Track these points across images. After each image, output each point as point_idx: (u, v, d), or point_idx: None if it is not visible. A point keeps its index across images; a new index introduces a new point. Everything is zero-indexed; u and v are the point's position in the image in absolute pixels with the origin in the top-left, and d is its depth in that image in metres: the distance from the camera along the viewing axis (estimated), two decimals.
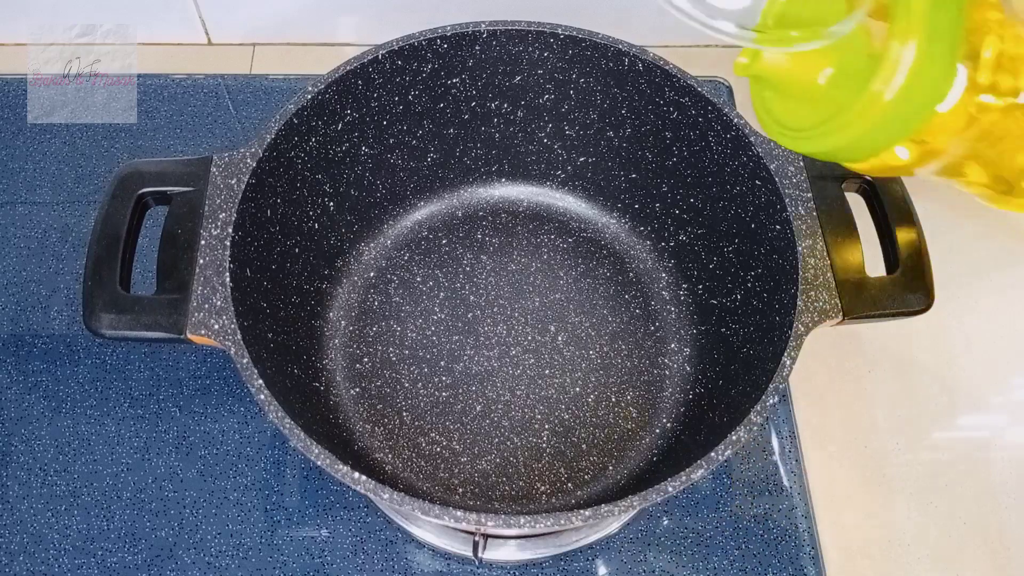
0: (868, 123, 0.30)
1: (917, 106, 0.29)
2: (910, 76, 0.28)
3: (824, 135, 0.31)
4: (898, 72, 0.28)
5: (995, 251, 0.59)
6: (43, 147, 0.63)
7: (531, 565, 0.48)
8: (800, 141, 0.33)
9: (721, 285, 0.50)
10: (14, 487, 0.50)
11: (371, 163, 0.52)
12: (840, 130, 0.31)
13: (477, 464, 0.49)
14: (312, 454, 0.36)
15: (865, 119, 0.30)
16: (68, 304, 0.56)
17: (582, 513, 0.35)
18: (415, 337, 0.53)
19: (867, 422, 0.53)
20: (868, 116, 0.29)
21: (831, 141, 0.31)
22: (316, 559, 0.48)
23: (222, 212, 0.41)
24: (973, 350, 0.55)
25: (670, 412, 0.50)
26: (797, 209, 0.42)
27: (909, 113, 0.29)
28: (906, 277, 0.41)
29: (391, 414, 0.50)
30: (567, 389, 0.51)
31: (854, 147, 0.31)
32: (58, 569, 0.48)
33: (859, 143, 0.31)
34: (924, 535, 0.50)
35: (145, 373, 0.53)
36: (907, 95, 0.29)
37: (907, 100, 0.29)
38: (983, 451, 0.52)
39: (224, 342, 0.38)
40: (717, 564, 0.48)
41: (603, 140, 0.53)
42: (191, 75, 0.66)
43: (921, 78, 0.28)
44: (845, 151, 0.32)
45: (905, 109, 0.29)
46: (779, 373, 0.38)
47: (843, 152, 0.32)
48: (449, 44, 0.47)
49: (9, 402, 0.52)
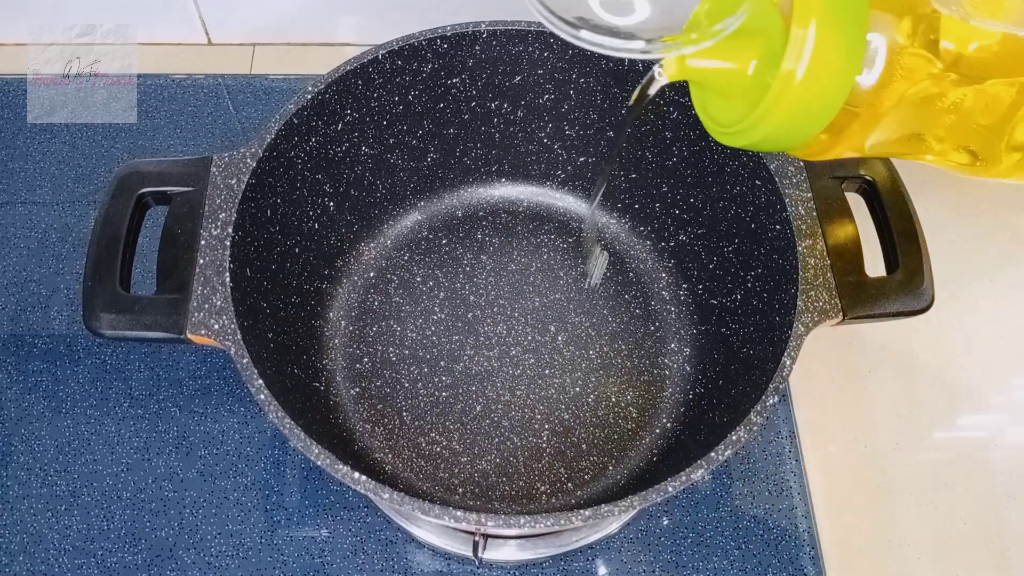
0: (787, 106, 0.30)
1: (831, 83, 0.30)
2: (815, 53, 0.29)
3: (753, 125, 0.32)
4: (804, 52, 0.29)
5: (995, 251, 0.59)
6: (43, 147, 0.63)
7: (531, 565, 0.48)
8: (735, 136, 0.34)
9: (721, 285, 0.50)
10: (14, 487, 0.50)
11: (371, 163, 0.52)
12: (764, 118, 0.31)
13: (477, 464, 0.49)
14: (312, 454, 0.36)
15: (783, 102, 0.30)
16: (68, 304, 0.56)
17: (582, 513, 0.35)
18: (415, 337, 0.53)
19: (867, 422, 0.53)
20: (785, 99, 0.30)
21: (760, 130, 0.32)
22: (316, 559, 0.48)
23: (222, 212, 0.41)
24: (973, 350, 0.55)
25: (670, 412, 0.50)
26: (797, 209, 0.42)
27: (825, 91, 0.30)
28: (906, 277, 0.41)
29: (391, 414, 0.50)
30: (567, 389, 0.51)
31: (784, 133, 0.32)
32: (58, 569, 0.48)
33: (787, 127, 0.31)
34: (924, 535, 0.50)
35: (145, 373, 0.53)
36: (817, 73, 0.29)
37: (818, 78, 0.29)
38: (983, 451, 0.52)
39: (224, 342, 0.38)
40: (717, 564, 0.48)
41: (603, 140, 0.53)
42: (191, 75, 0.66)
43: (827, 55, 0.29)
44: (778, 138, 0.32)
45: (819, 87, 0.30)
46: (779, 373, 0.38)
47: (776, 139, 0.33)
48: (449, 44, 0.47)
49: (9, 402, 0.52)
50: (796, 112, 0.30)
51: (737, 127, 0.33)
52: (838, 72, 0.30)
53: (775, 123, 0.31)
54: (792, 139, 0.32)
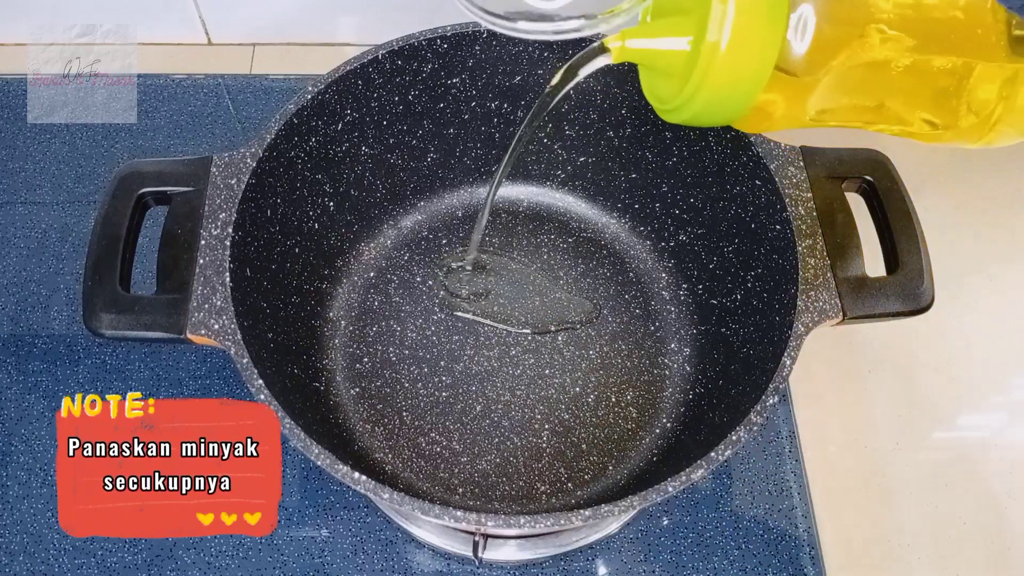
0: (716, 77, 0.31)
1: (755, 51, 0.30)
2: (736, 24, 0.30)
3: (688, 99, 0.32)
4: (725, 23, 0.30)
5: (995, 251, 0.59)
6: (43, 147, 0.63)
7: (531, 565, 0.48)
8: (675, 112, 0.34)
9: (721, 285, 0.50)
10: (14, 487, 0.50)
11: (371, 163, 0.52)
12: (697, 90, 0.32)
13: (477, 464, 0.49)
14: (312, 454, 0.36)
15: (711, 74, 0.31)
16: (68, 304, 0.56)
17: (582, 513, 0.35)
18: (415, 337, 0.53)
19: (867, 422, 0.53)
20: (713, 70, 0.31)
21: (696, 102, 0.32)
22: (316, 559, 0.48)
23: (222, 212, 0.41)
24: (973, 350, 0.55)
25: (670, 412, 0.50)
26: (797, 209, 0.42)
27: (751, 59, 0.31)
28: (906, 277, 0.41)
29: (391, 414, 0.50)
30: (567, 389, 0.51)
31: (719, 103, 0.32)
32: (58, 569, 0.48)
33: (720, 98, 0.32)
34: (924, 535, 0.50)
35: (145, 373, 0.53)
36: (739, 42, 0.30)
37: (742, 47, 0.30)
38: (983, 451, 0.52)
39: (224, 342, 0.38)
40: (717, 564, 0.48)
41: (603, 140, 0.53)
42: (191, 75, 0.66)
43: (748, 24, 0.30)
44: (715, 110, 0.33)
45: (744, 56, 0.30)
46: (779, 373, 0.38)
47: (714, 111, 0.33)
48: (449, 44, 0.47)
49: (9, 402, 0.52)
50: (725, 82, 0.31)
51: (674, 102, 0.33)
52: (761, 40, 0.30)
53: (708, 94, 0.32)
54: (728, 110, 0.33)
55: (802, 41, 0.31)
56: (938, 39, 0.32)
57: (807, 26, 0.31)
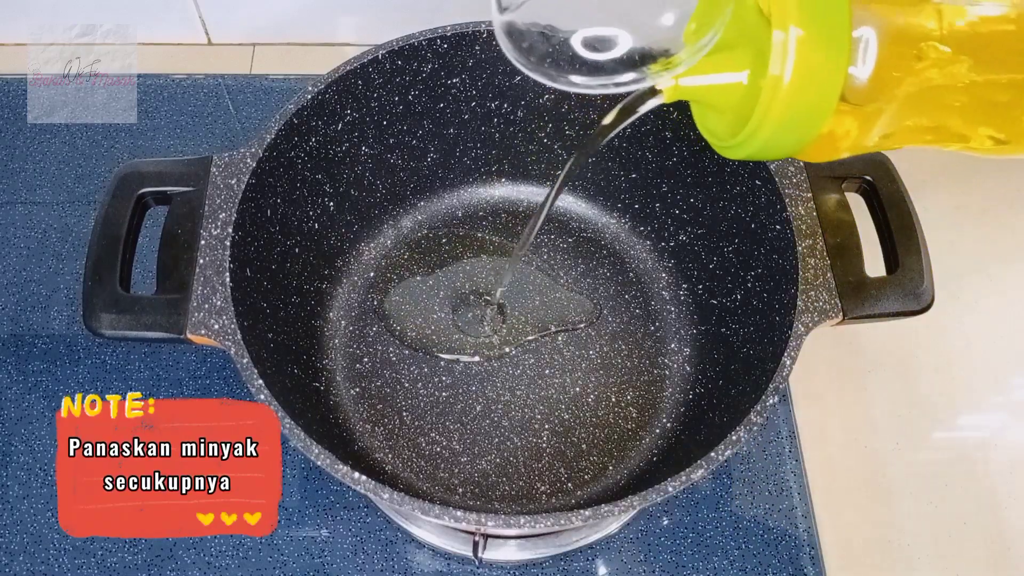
0: (780, 111, 0.30)
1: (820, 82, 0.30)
2: (798, 55, 0.29)
3: (750, 135, 0.32)
4: (787, 55, 0.29)
5: (995, 251, 0.59)
6: (43, 147, 0.63)
7: (531, 565, 0.48)
8: (736, 148, 0.33)
9: (721, 285, 0.50)
10: (14, 487, 0.50)
11: (371, 163, 0.52)
12: (760, 125, 0.31)
13: (477, 464, 0.49)
14: (312, 454, 0.36)
15: (775, 108, 0.30)
16: (68, 304, 0.56)
17: (582, 513, 0.35)
18: (415, 337, 0.53)
19: (867, 422, 0.53)
20: (776, 104, 0.30)
21: (759, 138, 0.31)
22: (316, 559, 0.48)
23: (222, 212, 0.41)
24: (973, 350, 0.55)
25: (670, 412, 0.50)
26: (797, 209, 0.42)
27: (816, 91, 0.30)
28: (906, 277, 0.41)
29: (391, 414, 0.50)
30: (567, 389, 0.51)
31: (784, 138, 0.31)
32: (58, 569, 0.48)
33: (784, 132, 0.31)
34: (924, 535, 0.50)
35: (145, 373, 0.53)
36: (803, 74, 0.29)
37: (806, 79, 0.29)
38: (983, 451, 0.52)
39: (224, 342, 0.38)
40: (717, 564, 0.48)
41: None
42: (191, 75, 0.66)
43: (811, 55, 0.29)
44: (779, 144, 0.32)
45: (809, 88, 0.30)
46: (779, 373, 0.38)
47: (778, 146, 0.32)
48: (449, 44, 0.47)
49: (9, 402, 0.52)
50: (791, 116, 0.30)
51: (736, 139, 0.33)
52: (826, 70, 0.29)
53: (772, 129, 0.31)
54: (793, 143, 0.32)
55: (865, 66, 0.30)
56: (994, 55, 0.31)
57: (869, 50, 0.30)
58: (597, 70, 0.31)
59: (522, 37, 0.31)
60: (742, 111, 0.32)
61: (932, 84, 0.31)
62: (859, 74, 0.30)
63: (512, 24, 0.31)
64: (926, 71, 0.31)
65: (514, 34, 0.31)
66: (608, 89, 0.31)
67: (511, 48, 0.32)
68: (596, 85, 0.31)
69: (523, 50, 0.32)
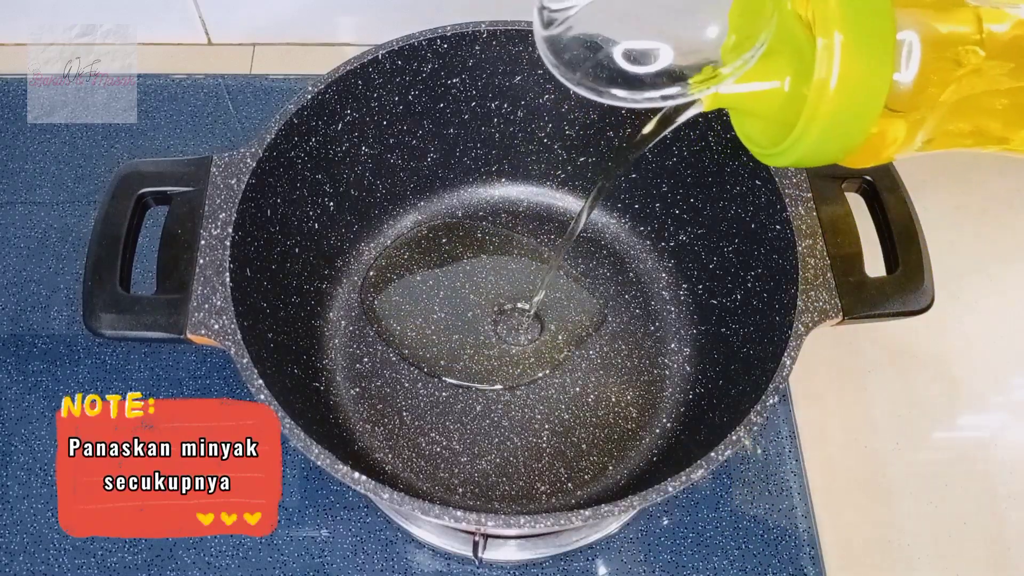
0: (826, 116, 0.30)
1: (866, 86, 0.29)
2: (844, 59, 0.29)
3: (796, 141, 0.31)
4: (833, 59, 0.29)
5: (995, 251, 0.59)
6: (43, 147, 0.63)
7: (531, 565, 0.48)
8: (781, 155, 0.33)
9: (721, 285, 0.50)
10: (14, 487, 0.50)
11: (371, 163, 0.52)
12: (806, 131, 0.31)
13: (477, 464, 0.49)
14: (312, 454, 0.36)
15: (821, 113, 0.30)
16: (68, 304, 0.56)
17: (582, 513, 0.35)
18: (415, 337, 0.53)
19: (867, 422, 0.53)
20: (823, 109, 0.30)
21: (805, 144, 0.31)
22: (316, 559, 0.48)
23: (222, 212, 0.41)
24: (973, 350, 0.55)
25: (670, 412, 0.50)
26: (797, 209, 0.42)
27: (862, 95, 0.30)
28: (906, 277, 0.41)
29: (391, 414, 0.50)
30: (567, 389, 0.51)
31: (830, 143, 0.31)
32: (58, 569, 0.48)
33: (831, 137, 0.31)
34: (924, 535, 0.50)
35: (145, 373, 0.53)
36: (850, 78, 0.29)
37: (852, 82, 0.29)
38: (983, 451, 0.52)
39: (224, 342, 0.38)
40: (717, 564, 0.48)
41: (603, 140, 0.53)
42: (191, 75, 0.66)
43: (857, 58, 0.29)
44: (824, 150, 0.32)
45: (855, 92, 0.29)
46: (779, 373, 0.38)
47: (823, 151, 0.32)
48: (449, 44, 0.47)
49: (9, 402, 0.52)
50: (837, 121, 0.30)
51: (781, 146, 0.32)
52: (871, 74, 0.29)
53: (817, 135, 0.30)
54: (838, 149, 0.32)
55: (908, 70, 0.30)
56: None
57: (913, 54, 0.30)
58: (641, 84, 0.31)
59: (564, 50, 0.31)
60: (784, 118, 0.32)
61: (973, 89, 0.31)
62: (903, 79, 0.30)
63: (556, 38, 0.32)
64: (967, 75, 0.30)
65: (557, 48, 0.31)
66: (654, 103, 0.31)
67: (555, 62, 0.32)
68: (641, 99, 0.31)
69: (566, 63, 0.31)
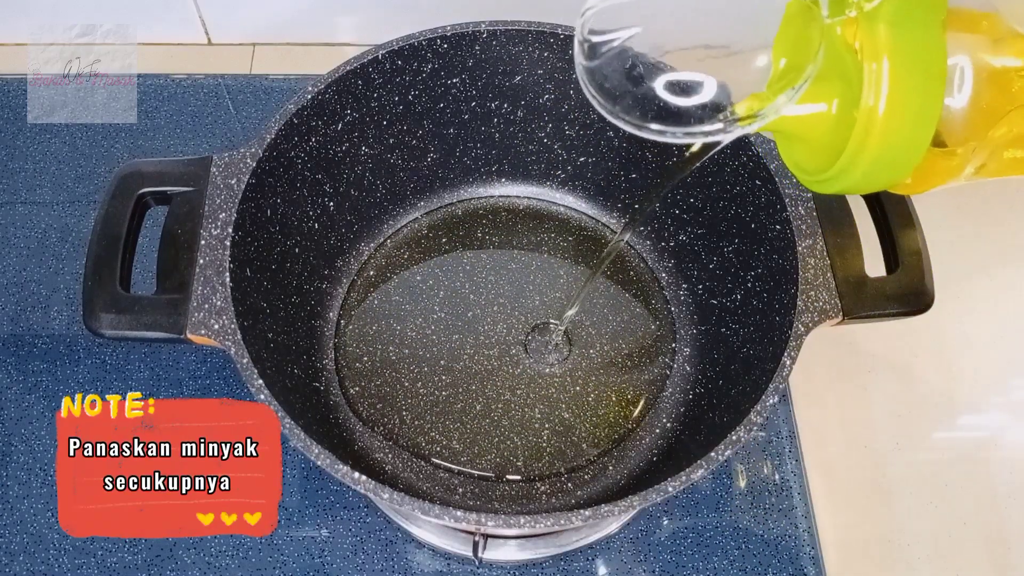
0: (876, 142, 0.29)
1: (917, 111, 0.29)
2: (892, 85, 0.28)
3: (845, 168, 0.31)
4: (881, 85, 0.28)
5: (995, 251, 0.59)
6: (43, 147, 0.63)
7: (531, 565, 0.48)
8: (830, 182, 0.32)
9: (721, 285, 0.50)
10: (14, 487, 0.50)
11: (371, 163, 0.52)
12: (856, 158, 0.30)
13: (477, 464, 0.49)
14: (312, 454, 0.36)
15: (871, 139, 0.29)
16: (68, 304, 0.56)
17: (582, 513, 0.35)
18: (415, 336, 0.53)
19: (867, 422, 0.53)
20: (872, 135, 0.29)
21: (855, 171, 0.31)
22: (316, 559, 0.48)
23: (222, 212, 0.41)
24: (973, 350, 0.55)
25: (670, 412, 0.50)
26: (797, 209, 0.42)
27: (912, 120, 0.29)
28: (906, 277, 0.41)
29: (391, 414, 0.50)
30: (567, 389, 0.51)
31: (880, 170, 0.30)
32: (58, 569, 0.48)
33: (881, 165, 0.30)
34: (924, 535, 0.50)
35: (145, 373, 0.53)
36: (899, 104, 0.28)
37: (902, 108, 0.28)
38: (983, 451, 0.52)
39: (224, 342, 0.38)
40: (717, 564, 0.48)
41: (603, 140, 0.53)
42: (191, 75, 0.66)
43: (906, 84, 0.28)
44: (874, 177, 0.31)
45: (905, 118, 0.29)
46: (779, 373, 0.38)
47: (873, 179, 0.31)
48: (449, 44, 0.47)
49: (9, 402, 0.52)
50: (887, 147, 0.29)
51: (829, 172, 0.32)
52: (922, 99, 0.28)
53: (868, 162, 0.30)
54: (889, 175, 0.31)
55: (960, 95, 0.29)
56: None
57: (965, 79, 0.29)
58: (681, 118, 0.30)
59: (605, 80, 0.31)
60: (832, 144, 0.31)
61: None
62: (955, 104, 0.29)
63: (597, 69, 0.31)
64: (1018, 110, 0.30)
65: (598, 79, 0.31)
66: (695, 139, 0.31)
67: (594, 93, 0.31)
68: (681, 134, 0.31)
69: (606, 94, 0.31)
